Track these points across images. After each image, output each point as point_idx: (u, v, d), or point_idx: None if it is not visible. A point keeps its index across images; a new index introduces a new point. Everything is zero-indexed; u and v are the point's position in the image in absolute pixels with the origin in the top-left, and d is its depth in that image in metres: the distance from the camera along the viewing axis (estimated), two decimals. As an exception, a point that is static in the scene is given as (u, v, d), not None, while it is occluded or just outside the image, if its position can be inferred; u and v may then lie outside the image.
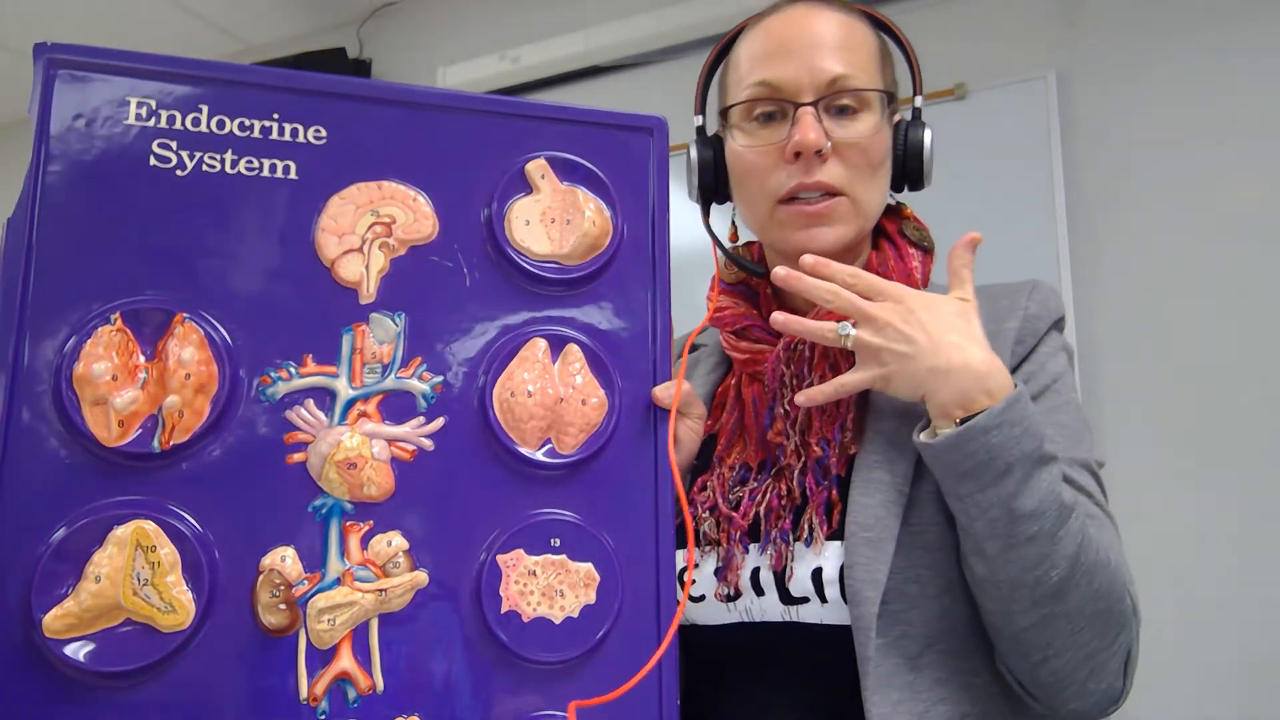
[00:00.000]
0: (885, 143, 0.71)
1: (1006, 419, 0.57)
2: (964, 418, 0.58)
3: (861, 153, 0.69)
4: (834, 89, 0.68)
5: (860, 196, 0.70)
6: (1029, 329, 0.70)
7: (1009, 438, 0.57)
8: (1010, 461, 0.57)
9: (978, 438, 0.57)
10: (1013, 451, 0.57)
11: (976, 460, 0.57)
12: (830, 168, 0.69)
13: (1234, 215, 1.69)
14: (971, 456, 0.57)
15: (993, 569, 0.59)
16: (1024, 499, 0.57)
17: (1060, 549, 0.58)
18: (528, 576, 0.60)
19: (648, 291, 0.66)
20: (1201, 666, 1.59)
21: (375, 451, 0.58)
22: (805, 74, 0.68)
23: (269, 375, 0.58)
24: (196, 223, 0.58)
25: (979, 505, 0.58)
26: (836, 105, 0.69)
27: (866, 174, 0.70)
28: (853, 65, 0.69)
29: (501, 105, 0.65)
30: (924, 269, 0.74)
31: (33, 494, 0.53)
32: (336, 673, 0.56)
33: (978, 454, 0.57)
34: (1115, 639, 0.62)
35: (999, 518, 0.58)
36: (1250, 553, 1.59)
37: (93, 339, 0.54)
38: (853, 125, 0.69)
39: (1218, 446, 1.64)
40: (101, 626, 0.52)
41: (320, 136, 0.61)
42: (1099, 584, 0.60)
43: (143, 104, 0.58)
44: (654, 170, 0.67)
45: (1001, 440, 0.57)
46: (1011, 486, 0.57)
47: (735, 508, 0.69)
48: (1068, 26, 1.88)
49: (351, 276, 0.60)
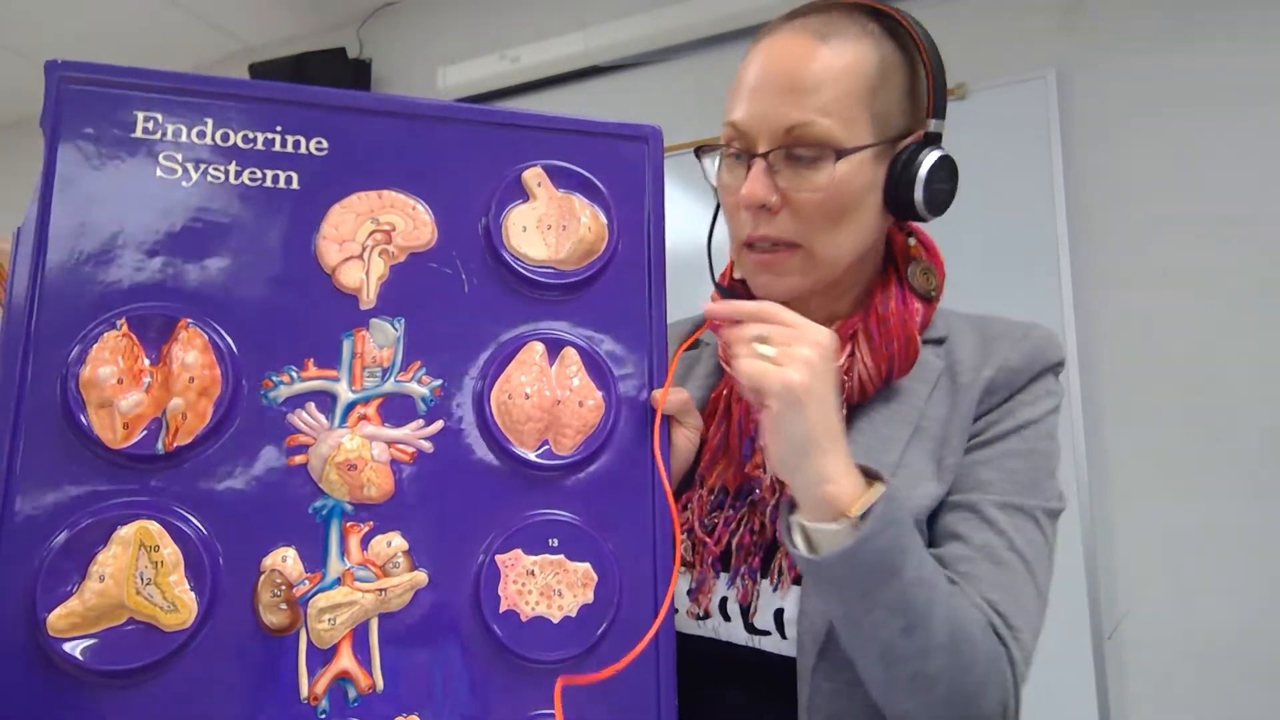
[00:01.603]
0: (852, 189, 0.65)
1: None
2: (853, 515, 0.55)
3: (816, 206, 0.65)
4: (790, 138, 0.64)
5: (816, 249, 0.66)
6: (1004, 381, 0.68)
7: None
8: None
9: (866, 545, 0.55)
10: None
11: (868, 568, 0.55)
12: (781, 220, 0.66)
13: (1234, 215, 1.68)
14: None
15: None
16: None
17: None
18: (526, 576, 0.61)
19: (644, 296, 0.67)
20: (1202, 667, 1.59)
21: (375, 453, 0.59)
22: (761, 120, 0.65)
23: (271, 379, 0.59)
24: (201, 231, 0.59)
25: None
26: (794, 154, 0.64)
27: (823, 226, 0.66)
28: (816, 108, 0.63)
29: (498, 116, 0.67)
30: (924, 318, 0.71)
31: (39, 494, 0.54)
32: (337, 672, 0.57)
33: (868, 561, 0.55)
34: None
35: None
36: (1250, 553, 1.59)
37: (99, 344, 0.56)
38: (810, 176, 0.64)
39: (1218, 447, 1.64)
40: (105, 625, 0.53)
41: (322, 148, 0.62)
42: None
43: (149, 118, 0.59)
44: (649, 177, 0.68)
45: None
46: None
47: (710, 533, 0.69)
48: (1068, 27, 1.88)
49: (352, 283, 0.61)
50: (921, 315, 0.71)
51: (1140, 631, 1.64)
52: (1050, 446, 0.68)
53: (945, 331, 0.72)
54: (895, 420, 0.68)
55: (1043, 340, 0.70)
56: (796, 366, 0.56)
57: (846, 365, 0.68)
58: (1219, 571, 1.60)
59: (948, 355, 0.70)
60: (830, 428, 0.56)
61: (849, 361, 0.68)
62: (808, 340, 0.57)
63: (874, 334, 0.69)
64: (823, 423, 0.56)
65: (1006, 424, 0.67)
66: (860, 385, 0.68)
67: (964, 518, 0.65)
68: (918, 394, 0.69)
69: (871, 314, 0.70)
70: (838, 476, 0.56)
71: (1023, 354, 0.68)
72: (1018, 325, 0.71)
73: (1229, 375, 1.65)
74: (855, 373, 0.68)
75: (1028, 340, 0.69)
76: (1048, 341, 0.70)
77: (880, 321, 0.69)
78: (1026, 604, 0.62)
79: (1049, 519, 0.66)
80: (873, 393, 0.69)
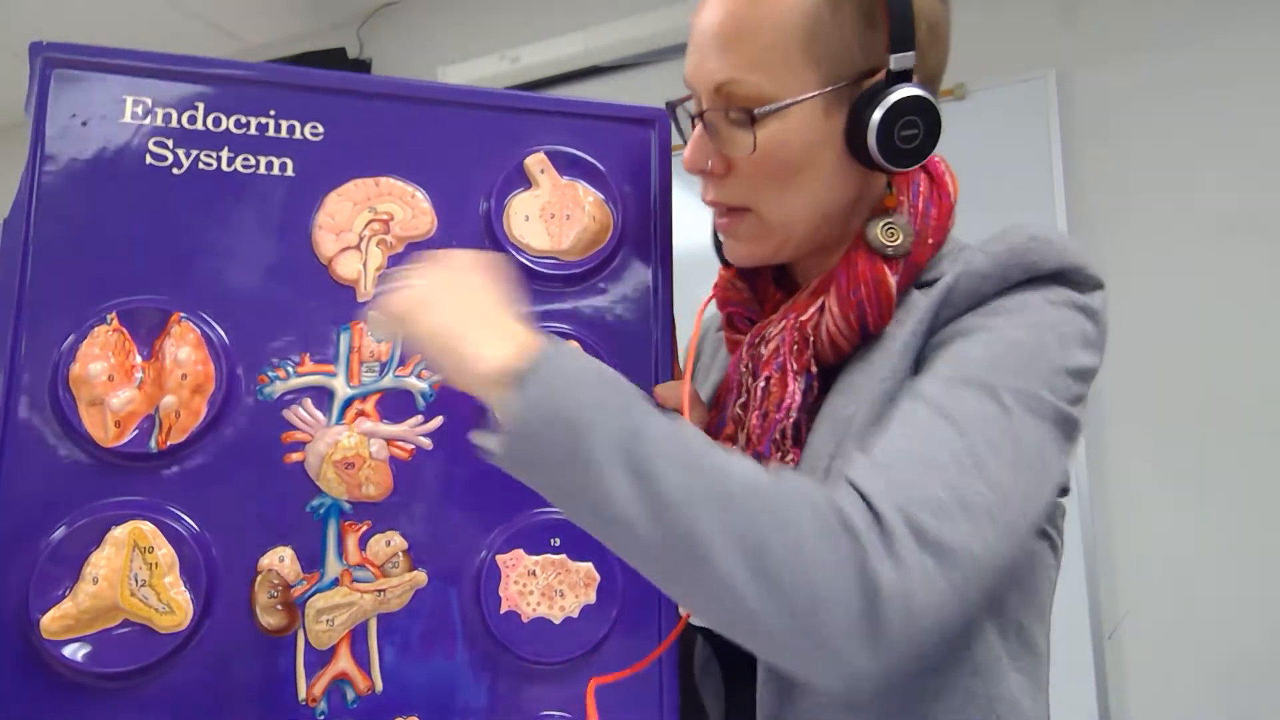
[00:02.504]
0: (794, 147, 0.58)
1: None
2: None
3: (756, 168, 0.59)
4: (720, 98, 0.58)
5: (764, 212, 0.60)
6: (966, 288, 0.55)
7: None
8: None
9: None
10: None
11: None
12: (728, 184, 0.60)
13: (1234, 214, 1.68)
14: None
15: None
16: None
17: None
18: (527, 576, 0.60)
19: (650, 287, 0.66)
20: (1201, 667, 1.59)
21: (373, 451, 0.58)
22: (695, 79, 0.59)
23: (266, 374, 0.57)
24: (193, 221, 0.57)
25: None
26: (728, 115, 0.58)
27: (767, 187, 0.59)
28: (743, 63, 0.57)
29: (500, 99, 0.65)
30: (881, 279, 0.58)
31: (30, 495, 0.53)
32: (335, 673, 0.56)
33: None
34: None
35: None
36: (1251, 553, 1.58)
37: (89, 339, 0.54)
38: (743, 137, 0.57)
39: (1218, 446, 1.63)
40: (99, 627, 0.52)
41: (317, 133, 0.60)
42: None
43: (139, 102, 0.58)
44: (655, 163, 0.67)
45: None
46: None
47: None
48: (1067, 26, 1.88)
49: (349, 274, 0.60)
50: (876, 277, 0.59)
51: (1140, 631, 1.64)
52: (1036, 338, 0.52)
53: (944, 270, 0.60)
54: (869, 370, 0.58)
55: (1023, 242, 0.55)
56: (396, 293, 0.51)
57: (815, 322, 0.60)
58: (1219, 571, 1.60)
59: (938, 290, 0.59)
60: (465, 314, 0.50)
61: (818, 317, 0.60)
62: (412, 272, 0.53)
63: (842, 280, 0.59)
64: (452, 317, 0.49)
65: (959, 328, 0.54)
66: (831, 340, 0.59)
67: (892, 406, 0.52)
68: (899, 339, 0.58)
69: (843, 263, 0.60)
70: (487, 353, 0.47)
71: (993, 258, 0.55)
72: (1009, 227, 0.58)
73: (1229, 375, 1.64)
74: (824, 328, 0.59)
75: (1002, 240, 0.56)
76: (1032, 242, 0.55)
77: (849, 265, 0.60)
78: (930, 474, 0.46)
79: (1021, 399, 0.49)
80: (850, 349, 0.60)
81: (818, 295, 0.61)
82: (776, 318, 0.62)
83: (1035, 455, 0.49)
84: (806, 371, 0.58)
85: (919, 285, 0.60)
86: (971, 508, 0.45)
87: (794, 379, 0.58)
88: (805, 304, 0.61)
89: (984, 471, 0.46)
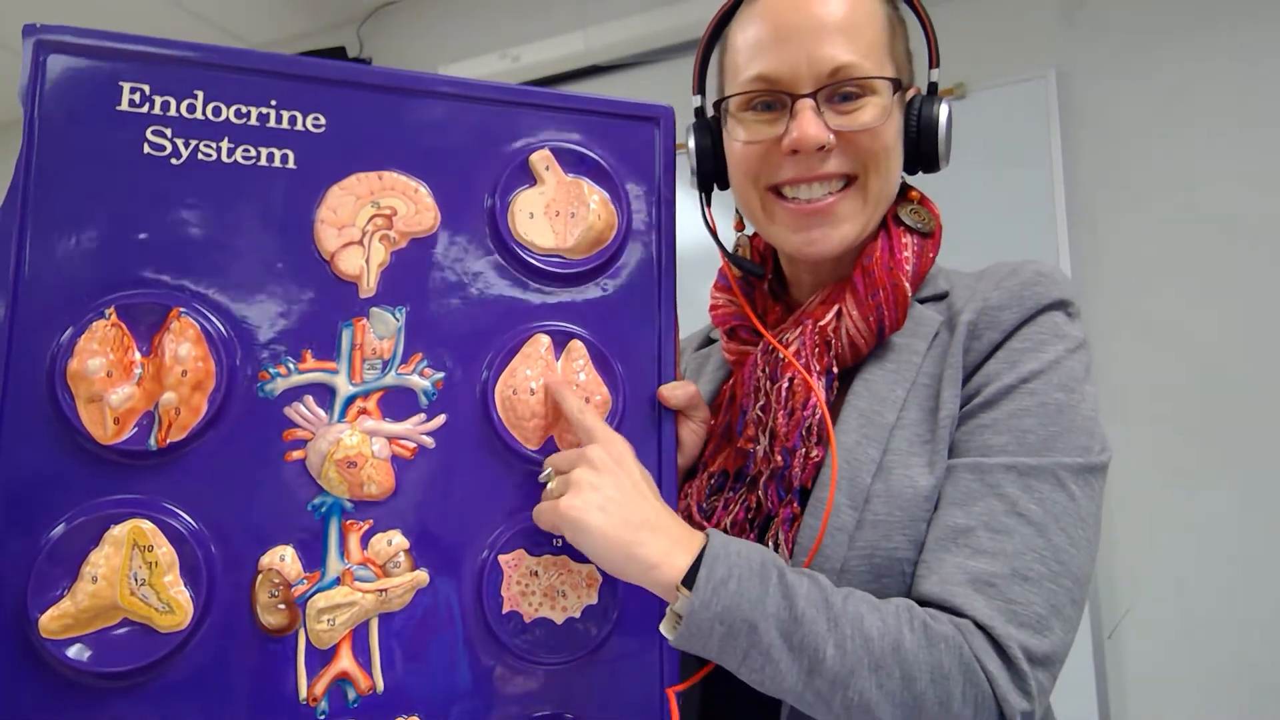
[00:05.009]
0: (895, 127, 0.66)
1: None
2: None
3: (872, 137, 0.64)
4: (836, 78, 0.63)
5: (871, 185, 0.65)
6: (987, 322, 0.62)
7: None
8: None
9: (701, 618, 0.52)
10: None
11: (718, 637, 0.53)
12: (835, 159, 0.64)
13: (1234, 213, 1.68)
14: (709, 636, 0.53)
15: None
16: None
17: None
18: (529, 577, 0.59)
19: (653, 287, 0.65)
20: (1201, 667, 1.59)
21: (375, 449, 0.58)
22: (804, 64, 0.63)
23: (267, 371, 0.57)
24: (192, 214, 0.56)
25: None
26: (840, 94, 0.64)
27: (879, 160, 0.65)
28: (857, 49, 0.63)
29: (506, 93, 0.64)
30: (918, 255, 0.67)
31: (27, 493, 0.52)
32: (336, 673, 0.55)
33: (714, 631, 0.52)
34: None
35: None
36: (1250, 553, 1.58)
37: (87, 334, 0.53)
38: (858, 114, 0.64)
39: (1218, 446, 1.63)
40: (99, 627, 0.52)
41: (319, 124, 0.59)
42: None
43: (136, 89, 0.56)
44: (660, 161, 0.67)
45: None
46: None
47: (709, 517, 0.67)
48: (1068, 26, 1.87)
49: (351, 270, 0.59)
50: (916, 252, 0.67)
51: (1140, 631, 1.64)
52: (1068, 397, 0.60)
53: (947, 287, 0.68)
54: (892, 379, 0.64)
55: (1032, 276, 0.63)
56: (571, 491, 0.56)
57: (834, 326, 0.66)
58: (1219, 571, 1.60)
59: (948, 310, 0.67)
60: (631, 521, 0.55)
61: (836, 322, 0.66)
62: (583, 459, 0.57)
63: (859, 286, 0.66)
64: (622, 524, 0.55)
65: (1008, 378, 0.60)
66: (851, 343, 0.65)
67: (963, 481, 0.59)
68: (915, 350, 0.65)
69: (857, 268, 0.67)
70: (658, 560, 0.54)
71: (1008, 292, 0.63)
72: (1008, 263, 0.66)
73: (1229, 374, 1.64)
74: (843, 331, 0.65)
75: (1015, 277, 0.63)
76: (1039, 277, 0.63)
77: (865, 273, 0.66)
78: (1031, 578, 0.55)
79: (1077, 476, 0.58)
80: (867, 351, 0.66)
81: (831, 303, 0.67)
82: (791, 325, 0.68)
83: (1094, 520, 0.58)
84: (828, 372, 0.64)
85: (921, 300, 0.68)
86: (1061, 609, 0.55)
87: (817, 379, 0.64)
88: (821, 311, 0.66)
89: (1067, 568, 0.56)
